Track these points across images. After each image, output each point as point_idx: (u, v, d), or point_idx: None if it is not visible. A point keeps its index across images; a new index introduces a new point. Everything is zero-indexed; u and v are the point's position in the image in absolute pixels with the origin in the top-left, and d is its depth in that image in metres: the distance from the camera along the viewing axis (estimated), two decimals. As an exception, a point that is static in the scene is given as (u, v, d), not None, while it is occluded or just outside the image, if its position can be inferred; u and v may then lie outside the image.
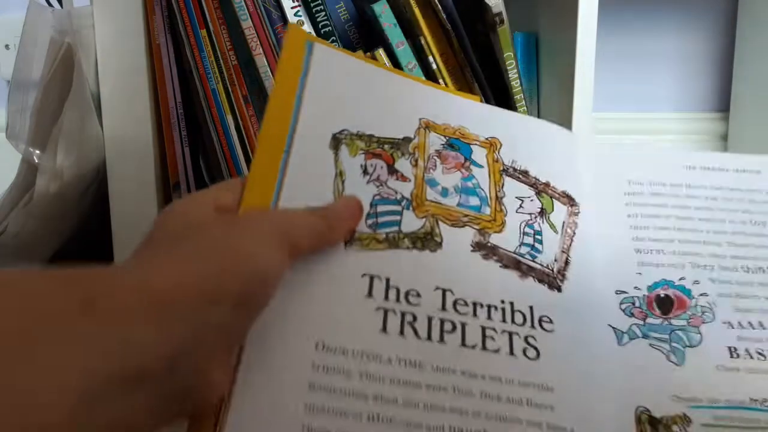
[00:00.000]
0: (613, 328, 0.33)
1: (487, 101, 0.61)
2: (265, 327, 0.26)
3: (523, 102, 0.63)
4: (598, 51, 0.65)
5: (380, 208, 0.32)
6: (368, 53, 0.60)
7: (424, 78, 0.59)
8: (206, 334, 0.21)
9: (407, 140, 0.35)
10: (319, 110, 0.33)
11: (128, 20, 0.61)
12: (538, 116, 0.75)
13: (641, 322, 0.33)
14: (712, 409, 0.30)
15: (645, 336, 0.33)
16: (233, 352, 0.25)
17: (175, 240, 0.23)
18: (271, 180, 0.30)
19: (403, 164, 0.34)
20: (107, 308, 0.19)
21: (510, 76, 0.61)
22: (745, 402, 0.31)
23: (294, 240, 0.25)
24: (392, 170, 0.34)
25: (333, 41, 0.61)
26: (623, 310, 0.34)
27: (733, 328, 0.33)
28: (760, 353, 0.32)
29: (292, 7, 0.60)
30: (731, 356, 0.32)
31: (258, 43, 0.60)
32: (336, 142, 0.33)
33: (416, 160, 0.34)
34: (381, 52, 0.59)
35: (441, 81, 0.60)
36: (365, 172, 0.33)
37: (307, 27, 0.61)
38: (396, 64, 0.59)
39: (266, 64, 0.60)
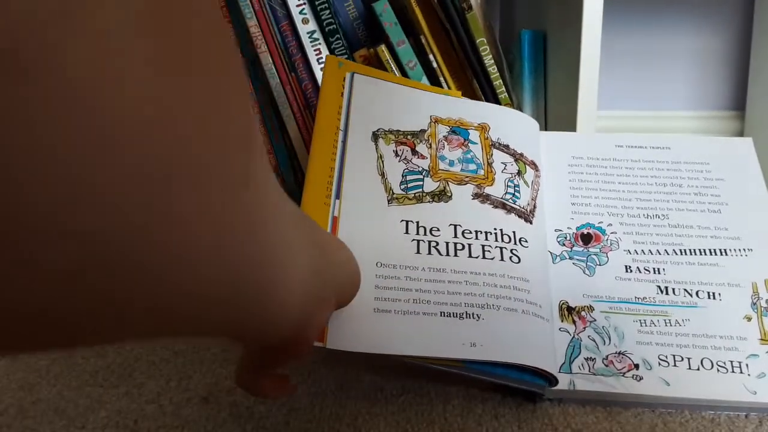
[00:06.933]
0: (550, 252, 0.48)
1: (485, 96, 0.61)
2: None
3: (504, 88, 0.62)
4: (615, 49, 0.65)
5: (409, 177, 0.48)
6: (371, 49, 0.61)
7: (428, 83, 0.62)
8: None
9: (423, 131, 0.51)
10: (363, 117, 0.49)
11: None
12: (545, 113, 0.76)
13: (569, 249, 0.49)
14: (609, 303, 0.46)
15: (570, 258, 0.48)
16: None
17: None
18: (330, 163, 0.47)
19: (421, 148, 0.50)
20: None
21: (486, 61, 0.61)
22: (631, 299, 0.46)
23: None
24: (414, 152, 0.50)
25: (337, 39, 0.62)
26: (558, 242, 0.49)
27: (630, 254, 0.48)
28: (646, 269, 0.47)
29: (297, 5, 0.61)
30: (626, 271, 0.47)
31: (263, 41, 0.61)
32: (375, 136, 0.49)
33: (430, 144, 0.50)
34: (383, 48, 0.60)
35: (441, 79, 0.61)
36: (396, 154, 0.49)
37: (312, 25, 0.62)
38: (397, 62, 0.60)
39: (271, 62, 0.61)
